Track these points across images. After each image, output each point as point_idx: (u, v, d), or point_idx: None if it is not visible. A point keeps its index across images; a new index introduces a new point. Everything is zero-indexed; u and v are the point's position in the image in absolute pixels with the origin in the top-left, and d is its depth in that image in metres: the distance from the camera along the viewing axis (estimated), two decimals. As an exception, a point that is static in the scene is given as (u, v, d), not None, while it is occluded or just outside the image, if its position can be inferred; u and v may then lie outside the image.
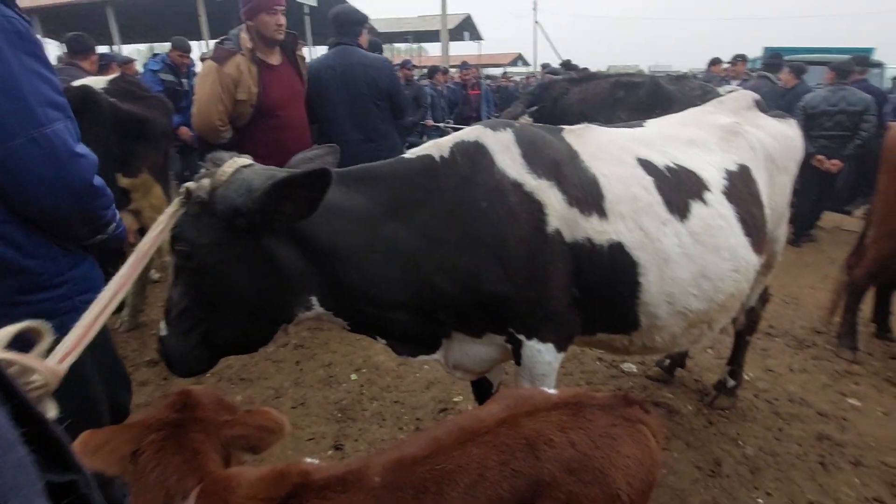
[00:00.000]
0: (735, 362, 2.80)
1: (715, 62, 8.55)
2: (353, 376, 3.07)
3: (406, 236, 1.49)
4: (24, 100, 1.24)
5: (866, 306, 3.49)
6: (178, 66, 5.67)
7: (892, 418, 2.70)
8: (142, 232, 2.89)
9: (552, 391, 1.17)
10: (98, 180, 1.44)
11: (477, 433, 1.03)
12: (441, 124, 7.73)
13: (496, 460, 0.98)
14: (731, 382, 2.79)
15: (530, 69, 27.04)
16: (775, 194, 2.17)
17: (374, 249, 1.47)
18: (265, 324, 1.47)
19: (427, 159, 1.58)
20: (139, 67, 7.05)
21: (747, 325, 2.69)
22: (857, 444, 2.49)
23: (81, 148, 1.38)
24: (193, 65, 5.95)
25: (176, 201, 1.37)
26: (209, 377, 3.03)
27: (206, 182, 1.35)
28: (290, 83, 3.12)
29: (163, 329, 1.45)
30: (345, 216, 1.45)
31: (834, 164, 5.10)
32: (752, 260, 1.83)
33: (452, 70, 11.89)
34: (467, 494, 0.95)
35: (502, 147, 1.61)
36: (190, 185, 1.36)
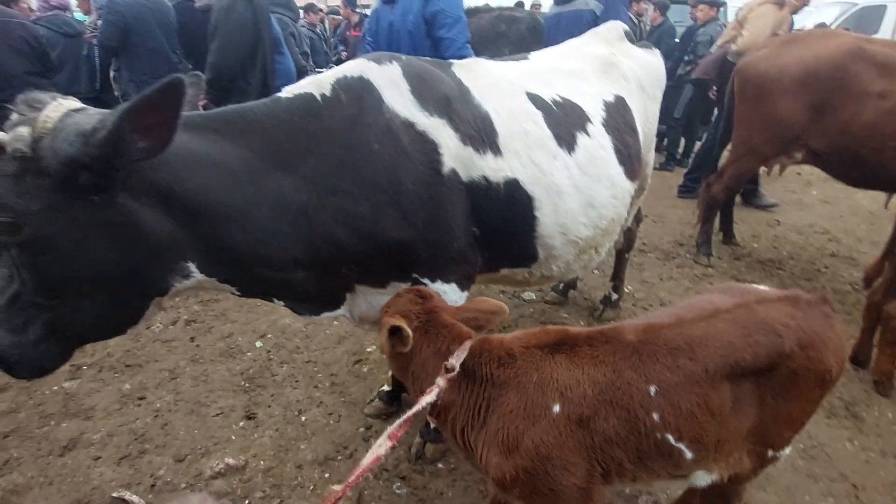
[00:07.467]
0: (617, 278, 3.15)
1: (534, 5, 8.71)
2: (259, 343, 2.90)
3: (293, 187, 1.36)
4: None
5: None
6: None
7: (735, 308, 3.26)
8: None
9: (765, 288, 1.37)
10: None
11: (716, 313, 1.20)
12: (324, 70, 7.14)
13: (739, 333, 1.16)
14: (615, 296, 3.14)
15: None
16: (647, 122, 2.36)
17: (256, 205, 1.31)
18: (130, 301, 1.26)
19: (307, 98, 1.43)
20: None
21: (625, 243, 3.00)
22: (712, 333, 2.98)
23: None
24: None
25: None
26: (86, 368, 2.67)
27: (24, 131, 1.05)
28: None
29: None
30: (218, 168, 1.27)
31: None
32: (628, 186, 2.00)
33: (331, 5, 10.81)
34: (715, 356, 1.13)
35: (389, 82, 1.51)
36: None
